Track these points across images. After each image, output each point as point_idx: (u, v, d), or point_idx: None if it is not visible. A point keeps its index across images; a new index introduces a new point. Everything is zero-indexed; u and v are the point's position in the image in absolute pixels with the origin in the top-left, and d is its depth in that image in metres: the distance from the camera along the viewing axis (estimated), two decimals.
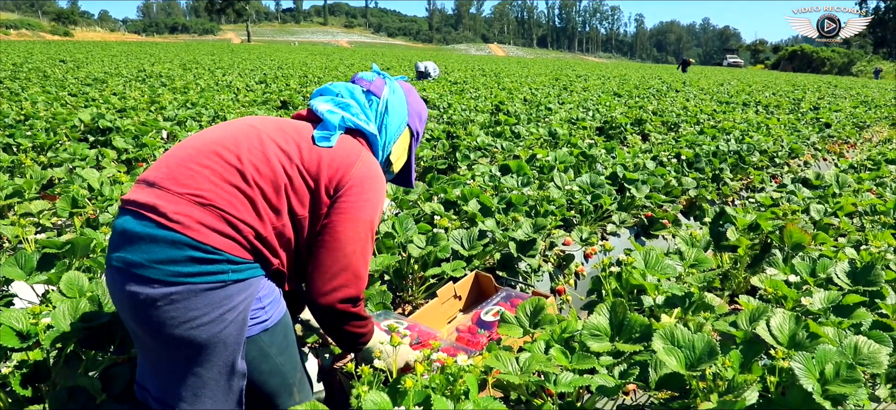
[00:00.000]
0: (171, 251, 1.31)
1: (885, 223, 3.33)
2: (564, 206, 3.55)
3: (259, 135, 1.50)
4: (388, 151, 1.80)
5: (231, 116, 6.91)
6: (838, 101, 14.45)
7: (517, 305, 1.96)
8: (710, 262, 2.56)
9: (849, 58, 66.93)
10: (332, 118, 1.61)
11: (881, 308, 2.21)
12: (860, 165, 5.41)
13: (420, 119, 1.89)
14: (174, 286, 1.31)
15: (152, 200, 1.35)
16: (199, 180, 1.38)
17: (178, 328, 1.33)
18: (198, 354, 1.38)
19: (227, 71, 17.50)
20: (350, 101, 1.70)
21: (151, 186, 1.38)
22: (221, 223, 1.36)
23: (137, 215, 1.35)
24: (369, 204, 1.55)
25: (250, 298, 1.42)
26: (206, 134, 1.51)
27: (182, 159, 1.42)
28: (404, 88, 1.86)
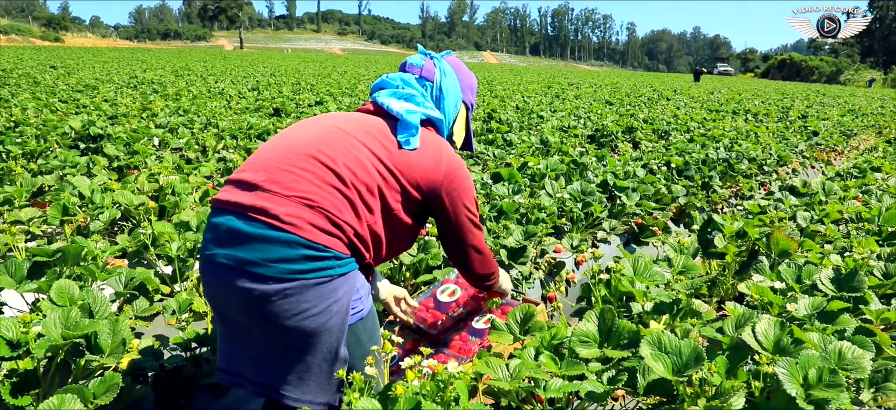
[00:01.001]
0: (286, 251, 1.43)
1: (870, 230, 3.38)
2: (555, 214, 3.58)
3: (351, 139, 1.60)
4: (450, 130, 1.94)
5: (223, 123, 6.92)
6: (826, 109, 14.59)
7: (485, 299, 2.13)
8: (698, 269, 2.58)
9: (837, 67, 67.56)
10: (411, 119, 1.69)
11: (865, 314, 2.25)
12: (846, 172, 5.48)
13: (472, 91, 2.02)
14: (288, 282, 1.43)
15: (261, 202, 1.46)
16: (304, 184, 1.49)
17: (291, 319, 1.45)
18: (306, 342, 1.50)
19: (220, 78, 17.48)
20: (413, 91, 1.79)
21: (254, 188, 1.49)
22: (328, 224, 1.48)
23: (245, 217, 1.46)
24: (467, 196, 1.78)
25: (351, 290, 1.55)
26: (297, 136, 1.62)
27: (281, 161, 1.53)
28: (453, 64, 1.94)
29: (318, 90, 13.72)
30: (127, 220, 3.50)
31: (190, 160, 5.06)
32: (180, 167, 4.45)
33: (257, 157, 1.58)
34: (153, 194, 3.75)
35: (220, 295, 1.51)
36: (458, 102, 1.93)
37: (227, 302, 1.50)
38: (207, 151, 5.56)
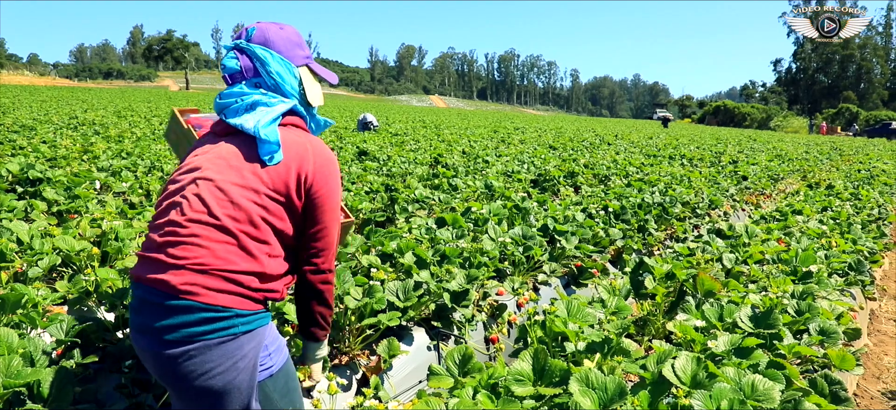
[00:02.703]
0: (186, 317, 1.49)
1: (787, 271, 3.62)
2: (497, 257, 3.70)
3: (218, 185, 1.60)
4: (303, 100, 1.85)
5: (168, 166, 6.85)
6: (756, 154, 15.36)
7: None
8: (630, 309, 2.74)
9: (767, 113, 71.14)
10: (268, 135, 1.65)
11: (779, 349, 2.43)
12: (770, 216, 5.81)
13: (299, 45, 1.86)
14: (190, 344, 1.49)
15: (160, 275, 1.51)
16: (193, 250, 1.53)
17: (198, 379, 1.51)
18: (216, 402, 1.55)
19: (165, 120, 17.21)
20: (256, 96, 1.72)
21: (154, 262, 1.55)
22: (224, 283, 1.53)
23: (149, 290, 1.53)
24: (334, 184, 1.76)
25: (259, 346, 1.60)
26: (175, 199, 1.62)
27: (168, 232, 1.56)
28: (263, 39, 1.79)
29: None
30: (67, 266, 3.45)
31: (134, 205, 5.01)
32: (124, 212, 4.41)
33: (152, 226, 1.64)
34: (96, 239, 3.70)
35: (144, 359, 1.58)
36: (293, 71, 1.81)
37: (149, 365, 1.58)
38: (152, 195, 5.51)
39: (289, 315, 2.45)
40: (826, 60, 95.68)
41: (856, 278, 4.27)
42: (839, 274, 4.18)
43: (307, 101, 1.85)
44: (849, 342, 3.18)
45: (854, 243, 4.99)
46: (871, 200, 7.83)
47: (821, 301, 3.19)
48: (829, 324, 2.70)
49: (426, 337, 3.04)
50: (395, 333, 2.90)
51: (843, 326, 2.96)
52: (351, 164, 8.46)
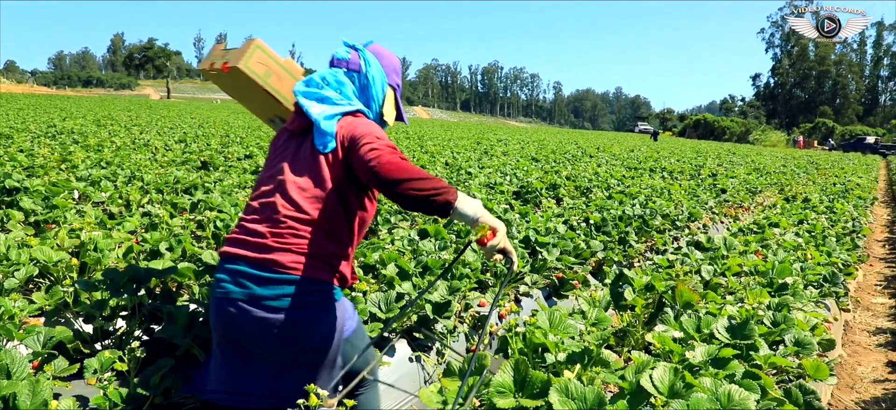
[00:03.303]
0: (292, 288, 1.81)
1: (763, 283, 3.68)
2: (479, 269, 3.72)
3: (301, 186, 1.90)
4: (379, 112, 2.13)
5: (148, 176, 6.80)
6: (735, 167, 15.58)
7: None
8: (610, 321, 2.77)
9: (746, 127, 72.21)
10: (327, 127, 1.92)
11: (755, 359, 2.47)
12: (747, 228, 5.90)
13: (396, 73, 2.19)
14: (296, 311, 1.81)
15: (268, 255, 1.82)
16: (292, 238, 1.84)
17: (299, 340, 1.84)
18: (313, 357, 1.88)
19: (145, 128, 17.08)
20: (330, 92, 2.00)
21: (258, 243, 1.85)
22: (318, 262, 1.86)
23: (257, 264, 1.82)
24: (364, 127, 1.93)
25: (343, 312, 1.94)
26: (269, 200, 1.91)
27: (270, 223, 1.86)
28: (376, 52, 2.13)
29: (248, 143, 13.61)
30: (44, 277, 3.42)
31: (113, 215, 4.96)
32: (103, 222, 4.37)
33: (251, 220, 1.91)
34: (74, 250, 3.67)
35: (234, 326, 1.84)
36: (385, 86, 2.13)
37: (241, 331, 1.83)
38: (131, 205, 5.46)
39: None
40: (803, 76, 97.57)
41: (830, 289, 4.35)
42: (814, 286, 4.26)
43: (382, 114, 2.15)
44: (823, 352, 3.23)
45: (829, 255, 5.09)
46: (845, 213, 7.98)
47: (796, 313, 3.25)
48: (804, 335, 2.75)
49: (408, 349, 3.05)
50: (377, 344, 2.90)
51: (818, 337, 3.01)
52: None
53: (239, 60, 2.20)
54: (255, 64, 2.23)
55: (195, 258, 3.47)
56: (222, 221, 4.39)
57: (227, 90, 2.50)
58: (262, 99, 2.34)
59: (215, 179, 7.02)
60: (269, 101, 2.32)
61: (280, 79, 2.28)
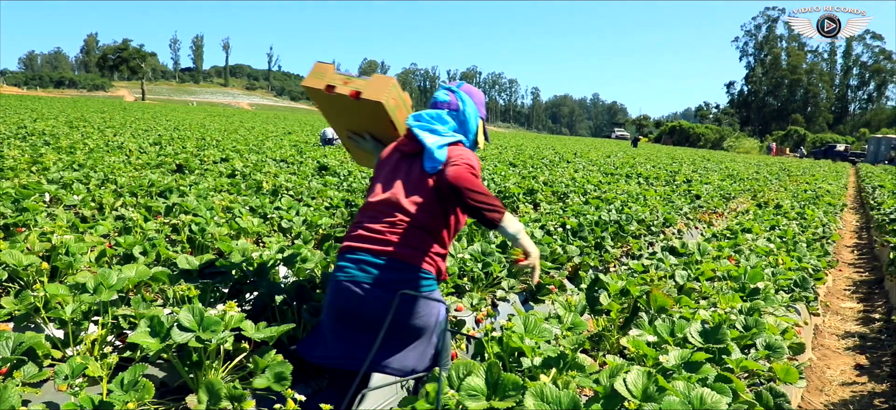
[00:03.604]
0: (407, 274, 2.30)
1: (735, 287, 3.74)
2: (456, 273, 3.73)
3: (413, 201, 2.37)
4: (473, 140, 2.59)
5: (122, 179, 6.70)
6: (709, 173, 15.80)
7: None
8: (585, 325, 2.80)
9: (720, 134, 73.30)
10: (439, 155, 2.37)
11: (727, 363, 2.51)
12: (721, 234, 5.99)
13: (483, 105, 2.69)
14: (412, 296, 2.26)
15: (387, 248, 2.30)
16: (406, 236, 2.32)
17: (407, 318, 2.28)
18: (416, 334, 2.33)
19: (119, 130, 16.83)
20: (438, 125, 2.49)
21: (380, 240, 2.32)
22: (429, 257, 2.35)
23: (378, 254, 2.30)
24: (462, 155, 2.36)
25: (440, 300, 2.40)
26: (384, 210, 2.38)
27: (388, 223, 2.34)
28: (468, 92, 2.63)
29: (224, 146, 13.49)
30: (14, 281, 3.35)
31: (85, 218, 4.89)
32: (75, 226, 4.30)
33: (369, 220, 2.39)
34: (45, 253, 3.60)
35: (356, 303, 2.29)
36: (477, 118, 2.61)
37: (362, 307, 2.28)
38: (104, 208, 5.38)
39: (246, 332, 2.43)
40: (775, 84, 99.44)
41: (801, 294, 4.43)
42: (785, 291, 4.34)
43: (476, 141, 2.61)
44: (794, 356, 3.29)
45: (799, 260, 5.18)
46: (815, 219, 8.14)
47: (767, 317, 3.31)
48: (774, 339, 2.80)
49: None
50: None
51: (788, 341, 3.07)
52: (311, 179, 8.41)
53: (381, 95, 2.67)
54: (391, 99, 2.71)
55: (170, 262, 3.43)
56: (198, 224, 4.34)
57: (326, 108, 2.99)
58: (372, 124, 2.85)
59: (191, 182, 6.95)
60: (381, 127, 2.81)
61: (400, 111, 2.77)
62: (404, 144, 2.53)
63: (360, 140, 2.99)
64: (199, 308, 2.30)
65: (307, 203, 6.11)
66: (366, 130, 2.92)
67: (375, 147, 2.89)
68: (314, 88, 2.83)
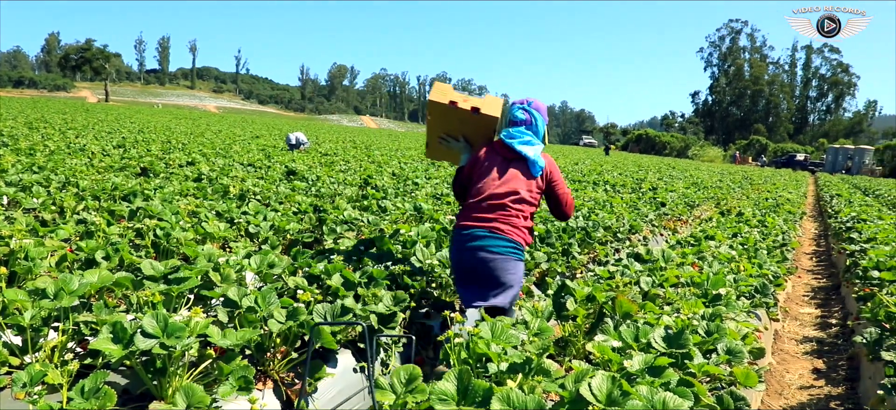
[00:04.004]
0: (507, 242, 3.32)
1: (698, 293, 3.82)
2: (425, 281, 3.74)
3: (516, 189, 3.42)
4: (542, 142, 3.61)
5: (84, 182, 6.56)
6: (674, 181, 16.08)
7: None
8: (552, 331, 2.82)
9: (685, 142, 74.68)
10: (538, 161, 3.50)
11: (689, 368, 2.57)
12: (685, 241, 6.11)
13: (546, 112, 3.68)
14: (505, 255, 3.31)
15: (494, 224, 3.34)
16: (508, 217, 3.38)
17: (502, 275, 3.31)
18: (507, 287, 3.34)
19: (82, 132, 16.46)
20: (528, 138, 3.51)
21: (489, 217, 3.35)
22: (520, 232, 3.39)
23: (487, 229, 3.32)
24: (558, 173, 3.66)
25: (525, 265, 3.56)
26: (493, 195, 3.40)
27: (498, 209, 3.37)
28: (536, 106, 3.61)
29: (191, 150, 13.29)
30: None
31: (46, 222, 4.77)
32: (35, 230, 4.20)
33: (480, 208, 3.39)
34: (3, 258, 3.51)
35: (472, 261, 3.33)
36: (545, 125, 3.64)
37: (475, 263, 3.32)
38: (66, 212, 5.26)
39: (212, 339, 2.40)
40: (739, 94, 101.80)
41: (761, 300, 4.54)
42: (746, 297, 4.44)
43: (544, 139, 3.63)
44: (754, 360, 3.37)
45: (760, 267, 5.31)
46: (776, 227, 8.34)
47: (729, 322, 3.39)
48: (735, 344, 2.87)
49: (353, 359, 3.04)
50: (320, 355, 2.88)
51: (749, 345, 3.14)
52: (279, 183, 8.34)
53: (496, 112, 3.66)
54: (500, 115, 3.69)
55: (133, 267, 3.37)
56: (162, 229, 4.28)
57: (437, 117, 3.86)
58: (475, 132, 3.76)
59: (155, 186, 6.83)
60: (482, 134, 3.74)
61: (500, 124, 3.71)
62: (503, 151, 3.50)
63: (453, 142, 3.87)
64: (163, 314, 2.27)
65: (275, 208, 6.06)
66: (465, 134, 3.81)
67: (465, 148, 3.82)
68: (437, 102, 3.71)
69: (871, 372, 3.85)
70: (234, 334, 2.47)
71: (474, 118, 3.65)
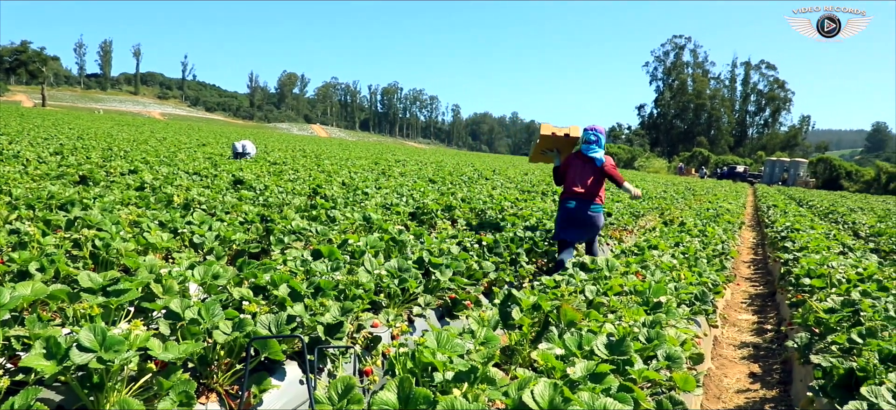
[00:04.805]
0: (594, 205, 6.14)
1: (638, 302, 3.92)
2: (372, 290, 3.74)
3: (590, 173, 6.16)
4: (603, 148, 6.24)
5: (18, 190, 6.30)
6: (621, 193, 16.44)
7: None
8: (498, 340, 2.86)
9: (632, 154, 76.54)
10: (601, 161, 6.15)
11: (630, 374, 2.64)
12: (629, 250, 6.26)
13: (604, 132, 6.34)
14: (595, 212, 6.16)
15: (586, 195, 6.11)
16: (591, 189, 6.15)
17: (593, 222, 6.17)
18: (596, 230, 6.25)
19: (15, 138, 15.79)
20: (595, 148, 6.18)
21: (581, 192, 6.10)
22: (599, 198, 6.19)
23: (581, 197, 6.11)
24: (612, 165, 6.29)
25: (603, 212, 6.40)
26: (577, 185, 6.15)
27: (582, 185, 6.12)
28: (598, 130, 6.28)
29: (133, 158, 12.90)
30: None
31: None
32: None
33: (573, 188, 6.13)
34: None
35: (576, 216, 6.06)
36: (604, 141, 6.28)
37: (577, 217, 6.07)
38: None
39: (152, 352, 2.34)
40: (682, 108, 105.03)
41: (701, 307, 4.70)
42: (687, 304, 4.58)
43: (604, 148, 6.21)
44: (693, 366, 3.49)
45: (700, 275, 5.49)
46: (716, 236, 8.63)
47: (669, 329, 3.49)
48: (674, 350, 2.96)
49: (299, 370, 3.01)
50: (266, 367, 2.85)
51: (688, 351, 3.25)
52: (225, 193, 8.18)
53: (577, 134, 6.64)
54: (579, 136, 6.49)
55: (70, 279, 3.26)
56: (102, 239, 4.15)
57: (544, 142, 6.95)
58: (566, 147, 6.88)
59: (95, 195, 6.61)
60: (568, 148, 6.87)
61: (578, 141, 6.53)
62: (581, 158, 6.20)
63: (550, 153, 7.05)
64: (101, 327, 2.21)
65: (221, 218, 5.95)
66: (557, 148, 6.88)
67: (556, 157, 6.87)
68: (547, 135, 6.83)
69: (803, 375, 4.02)
70: (176, 347, 2.42)
71: (565, 139, 6.83)
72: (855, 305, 4.20)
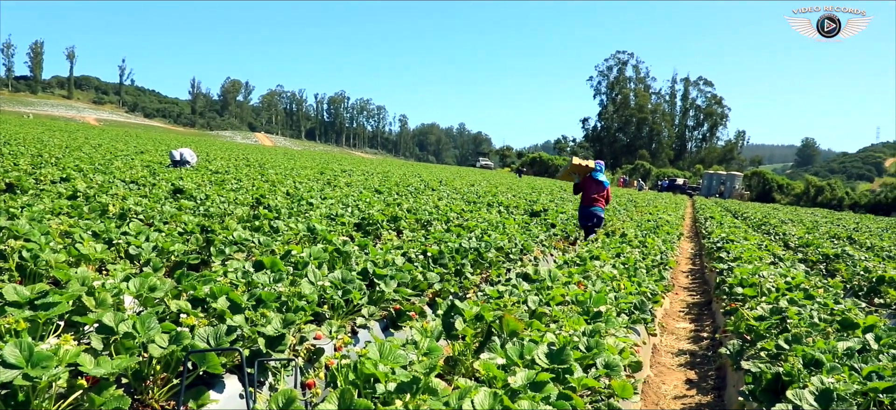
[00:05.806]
0: (601, 208, 10.07)
1: (579, 311, 4.01)
2: (316, 301, 3.70)
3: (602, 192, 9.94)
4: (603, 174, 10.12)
5: None
6: (565, 204, 16.75)
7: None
8: (441, 350, 2.88)
9: None
10: (606, 182, 10.01)
11: (570, 382, 2.69)
12: (572, 261, 6.39)
13: (603, 165, 10.40)
14: (602, 212, 10.19)
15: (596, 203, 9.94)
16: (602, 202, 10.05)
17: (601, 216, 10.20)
18: (603, 219, 10.49)
19: None
20: (600, 172, 9.96)
21: (596, 200, 9.89)
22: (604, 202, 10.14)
23: (597, 203, 9.94)
24: (610, 187, 10.35)
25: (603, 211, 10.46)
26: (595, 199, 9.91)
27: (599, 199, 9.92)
28: (601, 165, 10.21)
29: (65, 165, 12.40)
30: None
31: None
32: None
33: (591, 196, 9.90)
34: None
35: (593, 215, 9.93)
36: (604, 170, 10.26)
37: (595, 215, 9.93)
38: None
39: (83, 368, 2.26)
40: (625, 121, 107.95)
41: (640, 316, 4.83)
42: (626, 313, 4.70)
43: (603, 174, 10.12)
44: (632, 373, 3.58)
45: (639, 285, 5.64)
46: (655, 247, 8.90)
47: (609, 338, 3.58)
48: (613, 358, 3.04)
49: (239, 384, 2.95)
50: (204, 381, 2.78)
51: (626, 359, 3.33)
52: (164, 202, 7.96)
53: (592, 165, 10.00)
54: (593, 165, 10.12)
55: None
56: (30, 251, 3.98)
57: (573, 169, 10.11)
58: (582, 173, 9.96)
59: (23, 203, 6.32)
60: (585, 173, 9.98)
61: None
62: (594, 180, 9.77)
63: (574, 176, 10.04)
64: (28, 343, 2.12)
65: (159, 228, 5.78)
66: (579, 173, 9.92)
67: (578, 178, 9.94)
68: (578, 165, 10.03)
69: (735, 381, 4.18)
70: (108, 362, 2.34)
71: (585, 168, 9.81)
72: (782, 313, 4.40)
